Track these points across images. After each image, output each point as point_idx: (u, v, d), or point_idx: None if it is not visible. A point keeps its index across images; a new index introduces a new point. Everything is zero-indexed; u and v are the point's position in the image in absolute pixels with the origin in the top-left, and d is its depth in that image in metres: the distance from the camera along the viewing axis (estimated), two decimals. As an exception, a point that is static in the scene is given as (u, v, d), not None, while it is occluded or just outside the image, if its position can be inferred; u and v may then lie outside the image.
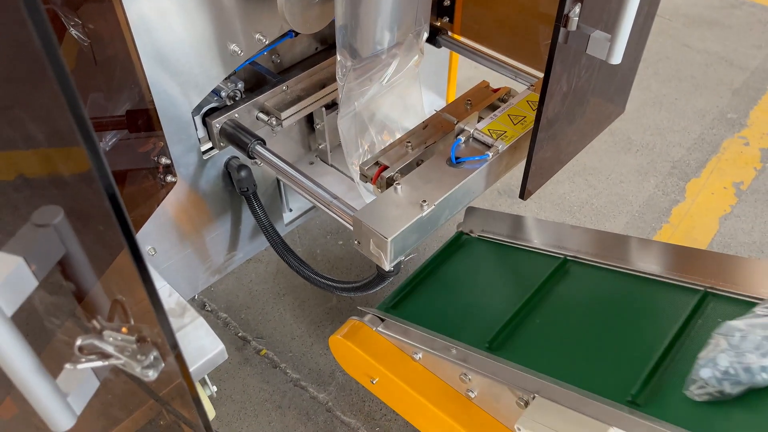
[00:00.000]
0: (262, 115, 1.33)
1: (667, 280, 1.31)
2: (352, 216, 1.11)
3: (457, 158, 1.17)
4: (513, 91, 1.38)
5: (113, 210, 0.49)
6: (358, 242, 1.13)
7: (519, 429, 1.14)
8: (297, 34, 1.40)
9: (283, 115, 1.32)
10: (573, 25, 0.98)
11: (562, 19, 0.97)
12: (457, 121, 1.26)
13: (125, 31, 1.04)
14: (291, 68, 1.46)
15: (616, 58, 1.05)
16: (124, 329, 0.58)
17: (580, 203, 2.05)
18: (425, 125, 1.28)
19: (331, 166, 1.58)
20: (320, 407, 1.56)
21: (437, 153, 1.21)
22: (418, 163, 1.21)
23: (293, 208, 1.70)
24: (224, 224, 1.52)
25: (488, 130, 1.23)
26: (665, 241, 1.92)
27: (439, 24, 1.65)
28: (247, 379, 1.61)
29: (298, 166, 1.57)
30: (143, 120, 1.17)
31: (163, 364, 0.58)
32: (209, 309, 1.76)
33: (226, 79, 1.36)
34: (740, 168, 2.15)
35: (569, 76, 1.09)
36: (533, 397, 1.18)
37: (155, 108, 1.15)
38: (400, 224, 1.07)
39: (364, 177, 1.21)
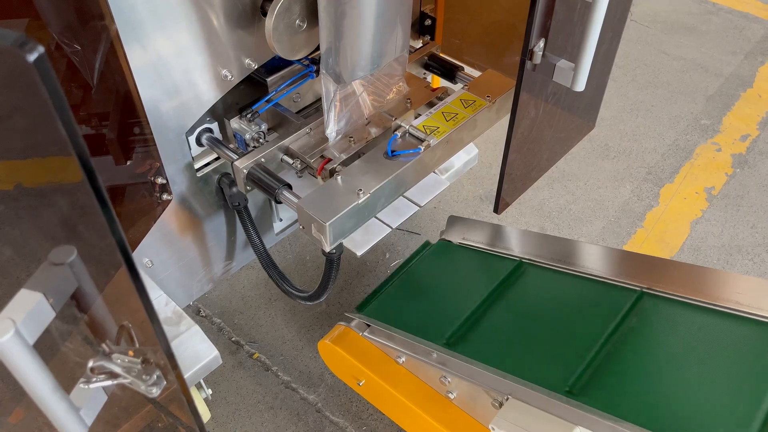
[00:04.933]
0: (287, 158, 1.38)
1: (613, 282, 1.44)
2: (296, 203, 1.21)
3: (392, 151, 1.27)
4: (450, 90, 1.49)
5: (121, 254, 0.57)
6: (303, 227, 1.23)
7: (494, 429, 1.23)
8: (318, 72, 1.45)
9: (311, 159, 1.36)
10: (537, 58, 1.07)
11: (527, 53, 1.05)
12: (395, 118, 1.37)
13: (122, 59, 1.11)
14: (309, 107, 1.51)
15: (580, 86, 1.14)
16: (130, 352, 0.66)
17: (559, 209, 2.14)
18: (367, 122, 1.38)
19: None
20: (310, 408, 1.65)
21: (376, 147, 1.31)
22: (359, 155, 1.32)
23: (283, 218, 1.78)
24: (218, 236, 1.60)
25: (423, 126, 1.33)
26: (639, 245, 2.02)
27: (421, 43, 1.73)
28: (241, 381, 1.70)
29: (288, 178, 1.66)
30: (140, 143, 1.24)
31: (165, 383, 0.67)
32: (204, 315, 1.85)
33: (250, 121, 1.39)
34: (712, 173, 2.24)
35: (537, 101, 1.18)
36: (507, 399, 1.27)
37: (151, 131, 1.22)
38: (338, 210, 1.19)
39: (310, 169, 1.31)
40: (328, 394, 1.67)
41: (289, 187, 1.30)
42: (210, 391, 1.59)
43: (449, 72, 1.54)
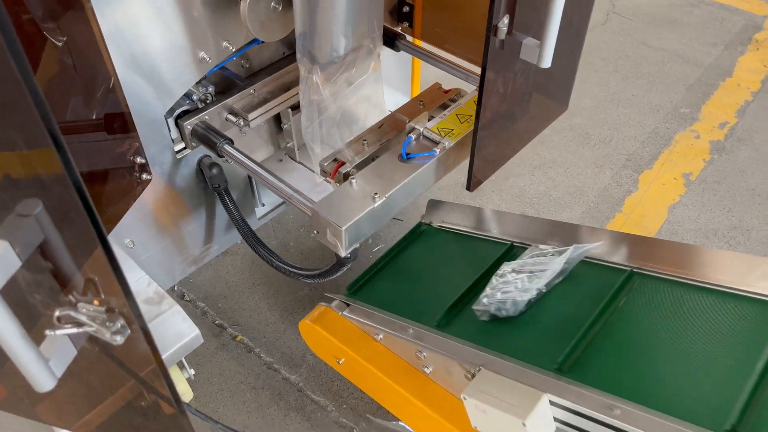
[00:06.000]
0: (231, 117, 1.44)
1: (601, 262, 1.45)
2: (310, 208, 1.22)
3: (407, 154, 1.29)
4: (463, 92, 1.50)
5: (83, 204, 0.60)
6: (317, 232, 1.25)
7: (465, 398, 1.26)
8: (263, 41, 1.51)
9: (250, 116, 1.42)
10: (502, 34, 1.10)
11: (491, 29, 1.08)
12: (409, 120, 1.38)
13: (100, 41, 1.14)
14: (259, 72, 1.56)
15: (546, 62, 1.17)
16: (96, 302, 0.69)
17: (539, 195, 2.17)
18: (381, 125, 1.40)
19: (299, 162, 1.69)
20: (292, 388, 1.67)
21: (390, 150, 1.32)
22: (373, 159, 1.33)
23: (266, 203, 1.81)
24: (199, 218, 1.62)
25: (437, 128, 1.35)
26: (617, 229, 2.05)
27: (399, 29, 1.76)
28: (224, 363, 1.72)
29: (268, 164, 1.69)
30: (119, 123, 1.27)
31: (129, 331, 0.69)
32: (188, 299, 1.87)
33: (197, 83, 1.46)
34: (690, 160, 2.28)
35: (505, 78, 1.21)
36: (479, 370, 1.30)
37: (130, 112, 1.25)
38: (354, 215, 1.19)
39: (323, 172, 1.33)
40: (310, 374, 1.70)
41: (231, 142, 1.32)
42: (193, 372, 1.61)
43: (391, 41, 1.56)
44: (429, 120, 1.39)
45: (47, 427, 1.29)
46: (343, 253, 1.24)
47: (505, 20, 1.09)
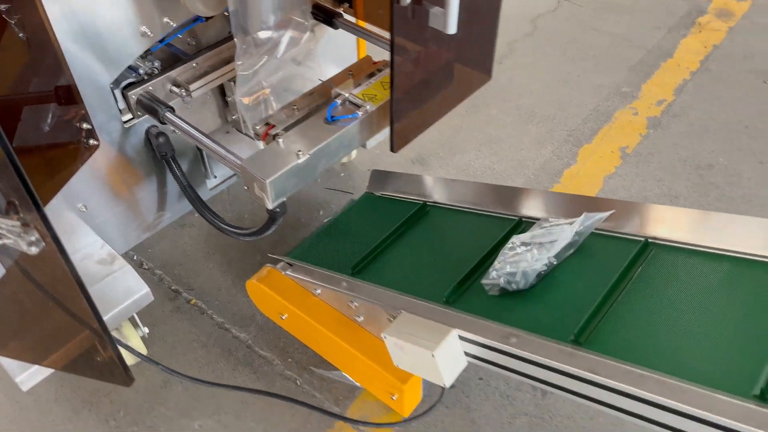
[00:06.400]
0: (174, 88, 1.56)
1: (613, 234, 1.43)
2: (239, 164, 1.34)
3: (332, 117, 1.41)
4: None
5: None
6: (247, 187, 1.37)
7: (385, 337, 1.38)
8: (208, 18, 1.63)
9: (192, 87, 1.54)
10: (404, 1, 1.22)
11: (394, -3, 1.20)
12: (334, 86, 1.50)
13: (42, 13, 1.25)
14: (205, 49, 1.68)
15: (451, 29, 1.29)
16: (14, 217, 0.80)
17: (483, 168, 2.30)
18: (312, 92, 1.52)
19: (245, 134, 1.80)
20: (241, 344, 1.79)
21: (318, 114, 1.45)
22: (301, 122, 1.45)
23: (217, 176, 1.92)
24: (151, 185, 1.74)
25: (362, 94, 1.47)
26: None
27: (341, 9, 1.88)
28: (178, 324, 1.84)
29: (216, 135, 1.80)
30: (65, 91, 1.38)
31: (44, 244, 0.81)
32: (146, 267, 1.98)
33: (144, 58, 1.58)
34: (628, 135, 2.41)
35: (417, 45, 1.33)
36: (400, 313, 1.42)
37: (74, 80, 1.36)
38: (278, 169, 1.31)
39: (256, 135, 1.45)
40: (258, 333, 1.81)
41: (172, 109, 1.44)
42: (146, 330, 1.73)
43: (329, 19, 1.68)
44: (355, 87, 1.51)
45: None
46: (269, 205, 1.36)
47: (407, -12, 1.21)
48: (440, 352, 1.29)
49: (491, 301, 1.36)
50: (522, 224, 1.54)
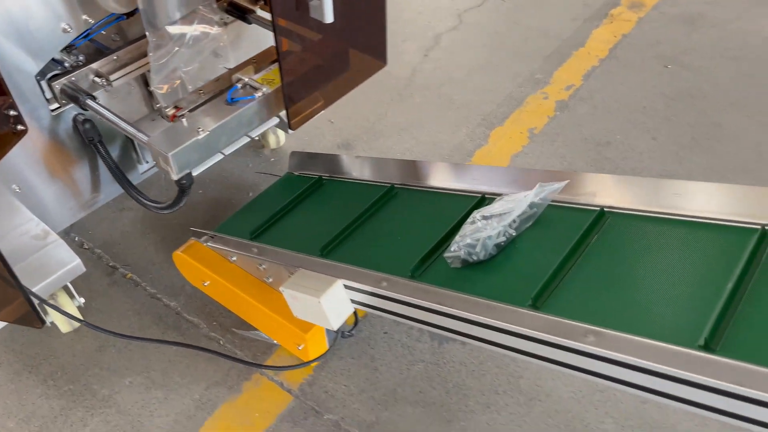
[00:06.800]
0: (96, 79, 1.73)
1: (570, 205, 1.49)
2: (146, 141, 1.53)
3: (232, 99, 1.60)
4: None
5: None
6: (156, 161, 1.56)
7: (282, 290, 1.57)
8: (129, 16, 1.81)
9: (112, 77, 1.72)
10: (281, -6, 1.41)
11: (271, -9, 1.40)
12: (235, 72, 1.70)
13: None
14: (126, 44, 1.86)
15: (328, 18, 1.49)
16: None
17: (402, 151, 2.50)
18: (218, 79, 1.71)
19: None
20: (170, 311, 1.97)
21: (221, 97, 1.64)
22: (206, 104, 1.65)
23: (149, 161, 2.10)
24: (83, 168, 1.91)
25: (261, 79, 1.67)
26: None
27: (258, 6, 2.07)
28: (114, 296, 2.01)
29: (143, 121, 1.99)
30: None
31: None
32: (86, 247, 2.15)
33: (68, 52, 1.75)
34: (537, 117, 2.62)
35: (299, 32, 1.52)
36: (298, 270, 1.61)
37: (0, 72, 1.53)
38: (180, 144, 1.50)
39: (166, 117, 1.63)
40: (187, 301, 1.99)
41: (93, 97, 1.62)
42: (82, 300, 1.90)
43: (243, 15, 1.87)
44: (256, 73, 1.71)
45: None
46: (174, 176, 1.55)
47: (281, -16, 1.41)
48: (326, 299, 1.48)
49: (453, 273, 1.42)
50: (485, 201, 1.60)
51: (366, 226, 1.69)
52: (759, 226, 1.26)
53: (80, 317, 1.89)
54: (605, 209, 1.44)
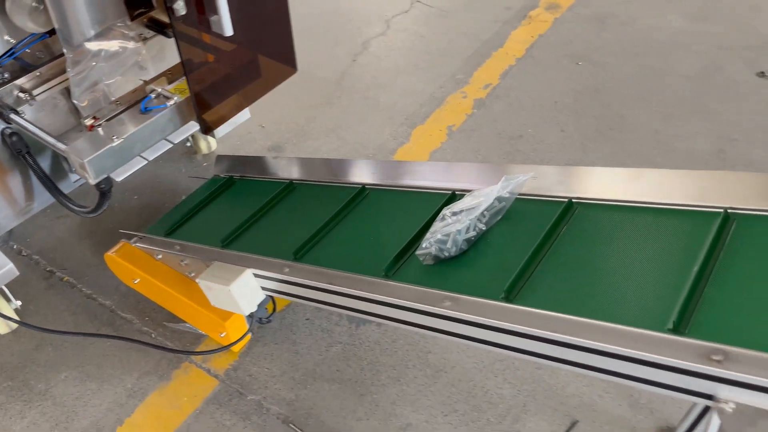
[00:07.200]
0: (21, 94, 1.85)
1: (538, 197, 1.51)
2: (64, 149, 1.67)
3: (146, 108, 1.75)
4: None
5: None
6: (74, 168, 1.69)
7: (199, 281, 1.71)
8: (51, 34, 1.93)
9: (35, 92, 1.84)
10: (180, 11, 1.56)
11: (169, 9, 1.54)
12: (149, 83, 1.84)
13: None
14: (49, 60, 1.98)
15: (228, 31, 1.63)
16: None
17: (329, 152, 2.65)
18: (135, 90, 1.85)
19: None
20: (105, 310, 2.09)
21: (136, 107, 1.78)
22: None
23: (79, 169, 2.22)
24: (15, 178, 2.02)
25: (174, 89, 1.81)
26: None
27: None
28: (51, 298, 2.13)
29: (70, 133, 2.11)
30: None
31: None
32: (25, 254, 2.26)
33: None
34: (456, 115, 2.80)
35: (203, 45, 1.67)
36: (213, 263, 1.76)
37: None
38: (95, 151, 1.64)
39: (85, 128, 1.77)
40: (121, 300, 2.12)
41: (16, 112, 1.75)
42: (19, 303, 2.02)
43: (163, 30, 2.01)
44: (169, 84, 1.85)
45: None
46: (91, 181, 1.68)
47: (181, 2, 1.55)
48: (235, 287, 1.63)
49: (426, 270, 1.43)
50: (455, 197, 1.63)
51: (266, 218, 1.87)
52: (721, 209, 1.29)
53: (18, 319, 2.01)
54: (573, 200, 1.46)
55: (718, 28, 3.16)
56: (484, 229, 1.45)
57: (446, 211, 1.46)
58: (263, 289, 1.70)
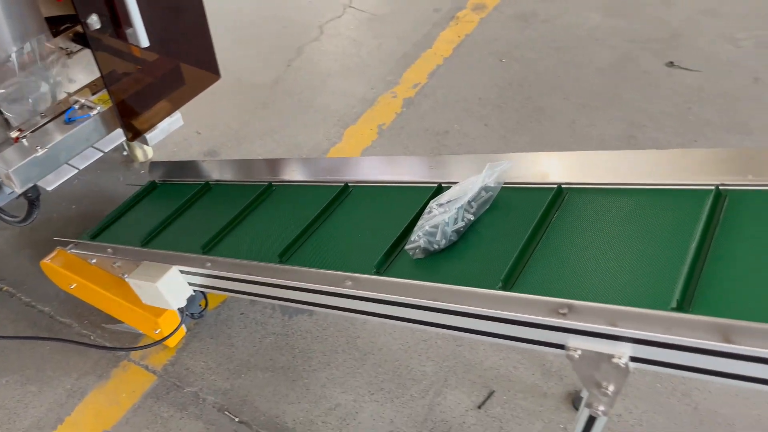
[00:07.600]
0: None
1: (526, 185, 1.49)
2: (-10, 161, 1.74)
3: (69, 118, 1.83)
4: None
5: None
6: (1, 181, 1.76)
7: (128, 280, 1.80)
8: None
9: (-40, 108, 1.91)
10: (95, 26, 1.65)
11: (84, 24, 1.63)
12: (73, 95, 1.92)
13: None
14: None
15: (144, 43, 1.73)
16: None
17: (266, 153, 2.76)
18: (59, 102, 1.93)
19: (28, 143, 2.19)
20: (44, 316, 2.15)
21: (60, 118, 1.86)
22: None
23: (17, 182, 2.28)
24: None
25: (98, 99, 1.90)
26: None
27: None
28: (-10, 308, 2.18)
29: (2, 147, 2.17)
30: None
31: None
32: (-37, 268, 2.31)
33: None
34: (386, 114, 2.93)
35: (121, 57, 1.76)
36: (142, 262, 1.85)
37: None
38: (19, 162, 1.72)
39: (11, 140, 1.84)
40: (60, 306, 2.18)
41: None
42: (-43, 314, 2.07)
43: (88, 44, 2.09)
44: (93, 95, 1.94)
45: None
46: (17, 190, 1.76)
47: (95, 17, 1.64)
48: (162, 283, 1.72)
49: (417, 264, 1.40)
50: (441, 190, 1.59)
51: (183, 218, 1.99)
52: (713, 186, 1.29)
53: (-45, 329, 2.06)
54: (563, 186, 1.44)
55: (632, 23, 3.36)
56: (472, 219, 1.42)
57: (432, 203, 1.45)
58: (190, 284, 1.79)
